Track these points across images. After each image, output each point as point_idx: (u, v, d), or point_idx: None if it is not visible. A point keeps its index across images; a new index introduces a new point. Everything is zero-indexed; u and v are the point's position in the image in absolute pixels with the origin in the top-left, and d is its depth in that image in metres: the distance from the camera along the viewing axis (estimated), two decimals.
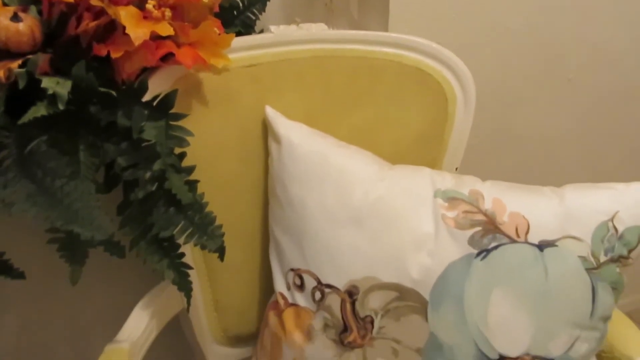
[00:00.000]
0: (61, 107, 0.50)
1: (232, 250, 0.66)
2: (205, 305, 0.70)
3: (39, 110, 0.50)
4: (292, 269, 0.59)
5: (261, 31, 0.71)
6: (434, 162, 0.73)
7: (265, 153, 0.65)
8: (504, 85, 0.93)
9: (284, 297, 0.60)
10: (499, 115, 0.96)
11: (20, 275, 0.53)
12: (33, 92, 0.51)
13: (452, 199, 0.55)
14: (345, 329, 0.55)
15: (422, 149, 0.72)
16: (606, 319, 0.53)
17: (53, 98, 0.51)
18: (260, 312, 0.72)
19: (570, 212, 0.53)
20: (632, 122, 1.06)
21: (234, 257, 0.67)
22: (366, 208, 0.56)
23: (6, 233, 0.67)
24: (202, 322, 0.71)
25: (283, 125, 0.61)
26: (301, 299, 0.58)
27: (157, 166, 0.53)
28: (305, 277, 0.57)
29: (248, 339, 0.73)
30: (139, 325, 0.61)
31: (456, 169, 0.75)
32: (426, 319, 0.52)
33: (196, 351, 0.75)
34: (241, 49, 0.62)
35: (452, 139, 0.73)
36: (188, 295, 0.59)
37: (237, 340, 0.74)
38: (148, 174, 0.55)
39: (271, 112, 0.62)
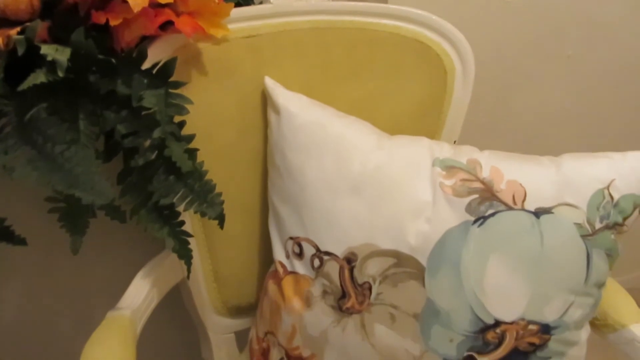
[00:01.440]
0: (61, 74, 0.50)
1: (232, 221, 0.67)
2: (204, 275, 0.71)
3: (39, 77, 0.50)
4: (291, 238, 0.59)
5: (260, 2, 0.71)
6: (432, 136, 0.73)
7: (264, 124, 0.65)
8: (502, 61, 0.93)
9: (283, 266, 0.60)
10: (498, 92, 0.96)
11: (21, 242, 0.54)
12: (32, 60, 0.51)
13: (450, 168, 0.56)
14: (344, 295, 0.56)
15: (420, 121, 0.72)
16: (600, 285, 0.54)
17: (52, 65, 0.51)
18: (260, 284, 0.73)
19: (567, 180, 0.53)
20: (631, 98, 1.06)
21: (234, 227, 0.68)
22: (365, 177, 0.56)
23: (7, 203, 0.67)
24: (202, 292, 0.72)
25: (282, 95, 0.61)
26: (300, 267, 0.58)
27: (156, 134, 0.54)
28: (304, 245, 0.58)
29: (248, 310, 0.74)
30: (140, 293, 0.62)
31: (454, 142, 0.75)
32: (423, 285, 0.53)
33: (196, 322, 0.76)
34: (240, 20, 0.62)
35: (451, 112, 0.73)
36: (188, 264, 0.60)
37: (237, 311, 0.75)
38: (148, 142, 0.55)
39: (270, 83, 0.62)
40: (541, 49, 0.95)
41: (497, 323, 0.52)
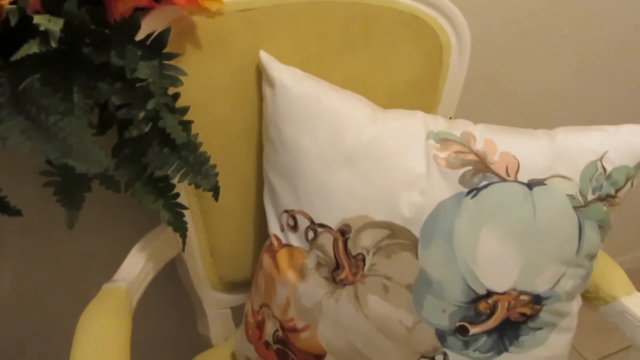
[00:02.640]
0: (54, 44, 0.50)
1: (227, 196, 0.67)
2: (200, 250, 0.71)
3: (32, 47, 0.50)
4: (285, 211, 0.59)
5: None
6: (428, 111, 0.72)
7: (259, 99, 0.65)
8: (499, 39, 0.93)
9: (277, 239, 0.61)
10: (495, 70, 0.96)
11: (17, 213, 0.54)
12: (25, 31, 0.51)
13: (444, 140, 0.56)
14: (338, 266, 0.56)
15: (415, 97, 0.72)
16: (592, 256, 0.55)
17: (45, 36, 0.50)
18: (255, 259, 0.73)
19: (560, 152, 0.53)
20: (629, 76, 1.06)
21: (229, 202, 0.68)
22: (358, 149, 0.56)
23: (3, 178, 0.67)
24: (198, 267, 0.72)
25: (277, 69, 0.61)
26: (295, 239, 0.59)
27: (150, 105, 0.54)
28: (299, 217, 0.58)
29: (243, 285, 0.75)
30: (136, 266, 0.62)
31: (450, 118, 0.75)
32: (416, 256, 0.53)
33: (193, 297, 0.76)
34: None
35: (447, 87, 0.73)
36: (183, 236, 0.60)
37: (232, 287, 0.76)
38: (142, 114, 0.55)
39: (265, 57, 0.62)
40: (539, 27, 0.95)
41: (489, 293, 0.53)
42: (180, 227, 0.59)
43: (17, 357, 0.85)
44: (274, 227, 0.61)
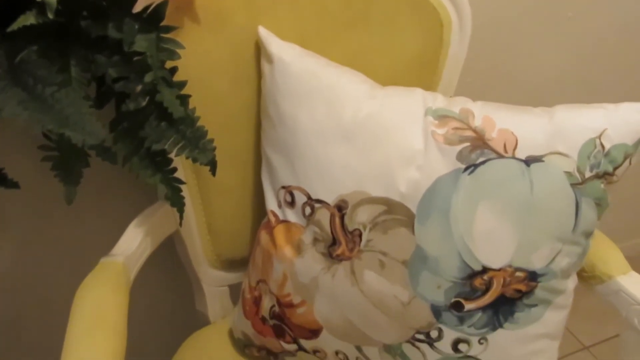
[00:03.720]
0: (50, 15, 0.50)
1: (225, 173, 0.67)
2: (198, 228, 0.71)
3: (28, 18, 0.50)
4: (283, 187, 0.60)
5: None
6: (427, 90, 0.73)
7: (257, 76, 0.65)
8: (502, 22, 0.92)
9: (275, 215, 0.61)
10: (496, 54, 0.95)
11: (14, 185, 0.54)
12: (22, 3, 0.51)
13: (442, 117, 0.55)
14: (334, 242, 0.56)
15: (415, 76, 0.72)
16: (588, 234, 0.55)
17: (42, 7, 0.50)
18: (253, 238, 0.73)
19: (559, 129, 0.53)
20: (631, 60, 1.05)
21: (227, 179, 0.68)
22: (356, 125, 0.56)
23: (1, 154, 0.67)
24: (195, 245, 0.73)
25: (276, 45, 0.60)
26: (292, 215, 0.59)
27: (148, 78, 0.53)
28: (296, 193, 0.58)
29: (241, 263, 0.75)
30: (133, 241, 0.63)
31: None
32: (413, 232, 0.54)
33: (191, 275, 0.77)
34: None
35: (447, 66, 0.72)
36: (180, 211, 0.60)
37: (230, 265, 0.76)
38: (139, 87, 0.55)
39: (264, 32, 0.62)
40: (541, 11, 0.94)
41: (485, 269, 0.53)
42: (177, 202, 0.59)
43: (16, 330, 0.86)
44: (271, 204, 0.62)
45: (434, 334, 0.56)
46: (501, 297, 0.54)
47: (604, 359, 1.29)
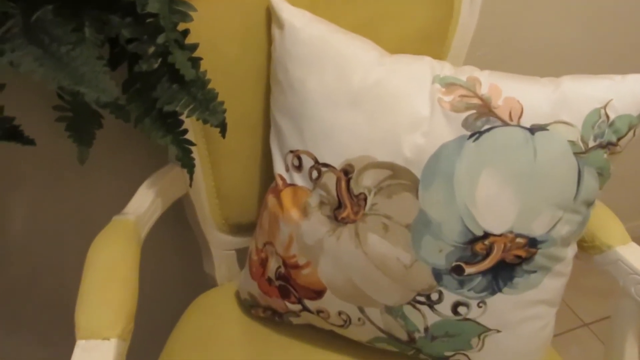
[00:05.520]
0: None
1: (234, 137, 0.68)
2: (207, 192, 0.73)
3: None
4: (291, 151, 0.61)
5: None
6: None
7: (267, 42, 0.66)
8: None
9: (282, 179, 0.62)
10: (504, 27, 0.95)
11: (30, 142, 0.56)
12: None
13: (449, 85, 0.56)
14: (340, 205, 0.57)
15: (424, 46, 0.72)
16: (589, 203, 0.56)
17: None
18: (260, 203, 0.75)
19: (565, 98, 0.54)
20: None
21: (236, 144, 0.69)
22: (364, 91, 0.57)
23: (17, 111, 0.69)
24: (204, 209, 0.74)
25: (286, 10, 0.61)
26: (299, 179, 0.60)
27: (160, 40, 0.54)
28: (304, 157, 0.59)
29: (248, 228, 0.77)
30: (145, 201, 0.64)
31: None
32: (417, 197, 0.55)
33: (199, 238, 0.79)
34: None
35: (456, 37, 0.73)
36: (191, 172, 0.62)
37: (237, 229, 0.78)
38: (152, 49, 0.56)
39: None
40: None
41: (486, 235, 0.54)
42: (188, 163, 0.61)
43: (30, 286, 0.89)
44: (279, 167, 0.63)
45: (434, 296, 0.57)
46: (501, 263, 0.55)
47: (603, 335, 1.31)
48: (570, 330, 1.33)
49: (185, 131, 0.60)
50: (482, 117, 0.54)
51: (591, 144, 0.53)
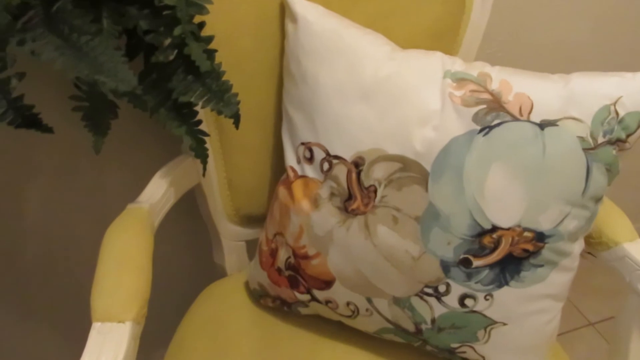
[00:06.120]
0: None
1: (246, 130, 0.69)
2: (219, 183, 0.74)
3: None
4: (302, 143, 0.62)
5: None
6: None
7: (280, 35, 0.66)
8: None
9: (293, 170, 0.63)
10: (515, 23, 0.95)
11: (48, 130, 0.57)
12: None
13: (460, 80, 0.57)
14: (350, 197, 0.58)
15: (435, 43, 0.72)
16: (597, 199, 0.56)
17: None
18: (270, 195, 0.76)
19: (575, 94, 0.54)
20: None
21: (248, 136, 0.70)
22: (376, 84, 0.58)
23: (35, 98, 0.70)
24: (215, 200, 0.75)
25: (300, 4, 0.62)
26: (310, 171, 0.61)
27: (177, 32, 0.55)
28: (315, 149, 0.60)
29: (258, 220, 0.78)
30: (158, 191, 0.66)
31: None
32: (426, 190, 0.56)
33: (210, 228, 0.80)
34: None
35: (467, 34, 0.73)
36: (204, 162, 0.63)
37: (248, 220, 0.79)
38: (168, 40, 0.57)
39: None
40: None
41: (494, 228, 0.55)
42: (201, 153, 0.62)
43: (46, 271, 0.90)
44: (290, 159, 0.64)
45: (442, 288, 0.58)
46: (509, 256, 0.56)
47: (609, 335, 1.32)
48: (576, 329, 1.34)
49: (200, 122, 0.61)
50: (492, 112, 0.54)
51: (600, 140, 0.54)
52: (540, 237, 0.56)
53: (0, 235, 0.84)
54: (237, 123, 0.60)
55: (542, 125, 0.54)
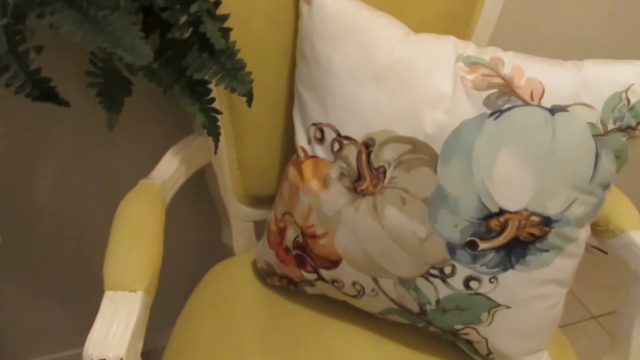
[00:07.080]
0: None
1: (258, 110, 0.70)
2: (229, 163, 0.75)
3: None
4: (313, 124, 0.62)
5: None
6: None
7: (294, 17, 0.67)
8: None
9: (304, 150, 0.64)
10: (527, 13, 0.95)
11: (65, 103, 0.58)
12: None
13: (472, 64, 0.57)
14: (359, 177, 0.59)
15: (448, 28, 0.73)
16: (605, 186, 0.57)
17: None
18: (280, 176, 0.77)
19: (586, 81, 0.54)
20: None
21: (258, 116, 0.71)
22: (388, 67, 0.58)
23: (52, 72, 0.71)
24: (225, 179, 0.76)
25: None
26: (320, 151, 0.62)
27: (193, 9, 0.56)
28: (326, 130, 0.61)
29: (267, 200, 0.79)
30: (170, 167, 0.67)
31: None
32: (435, 172, 0.56)
33: (219, 208, 0.81)
34: None
35: (481, 21, 0.73)
36: (216, 140, 0.63)
37: (257, 201, 0.80)
38: (184, 18, 0.57)
39: None
40: None
41: (502, 212, 0.56)
42: (213, 131, 0.62)
43: (57, 248, 0.92)
44: (301, 140, 0.65)
45: (447, 270, 0.59)
46: (515, 240, 0.57)
47: (611, 328, 1.32)
48: (579, 321, 1.34)
49: (213, 99, 0.61)
50: (503, 96, 0.55)
51: (610, 126, 0.54)
52: (547, 222, 0.56)
53: (14, 210, 0.86)
54: (249, 101, 0.60)
55: (553, 110, 0.54)
